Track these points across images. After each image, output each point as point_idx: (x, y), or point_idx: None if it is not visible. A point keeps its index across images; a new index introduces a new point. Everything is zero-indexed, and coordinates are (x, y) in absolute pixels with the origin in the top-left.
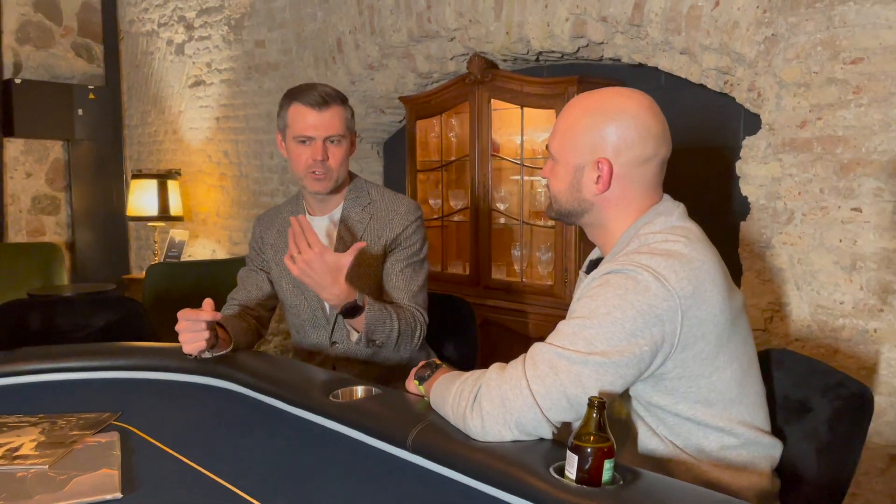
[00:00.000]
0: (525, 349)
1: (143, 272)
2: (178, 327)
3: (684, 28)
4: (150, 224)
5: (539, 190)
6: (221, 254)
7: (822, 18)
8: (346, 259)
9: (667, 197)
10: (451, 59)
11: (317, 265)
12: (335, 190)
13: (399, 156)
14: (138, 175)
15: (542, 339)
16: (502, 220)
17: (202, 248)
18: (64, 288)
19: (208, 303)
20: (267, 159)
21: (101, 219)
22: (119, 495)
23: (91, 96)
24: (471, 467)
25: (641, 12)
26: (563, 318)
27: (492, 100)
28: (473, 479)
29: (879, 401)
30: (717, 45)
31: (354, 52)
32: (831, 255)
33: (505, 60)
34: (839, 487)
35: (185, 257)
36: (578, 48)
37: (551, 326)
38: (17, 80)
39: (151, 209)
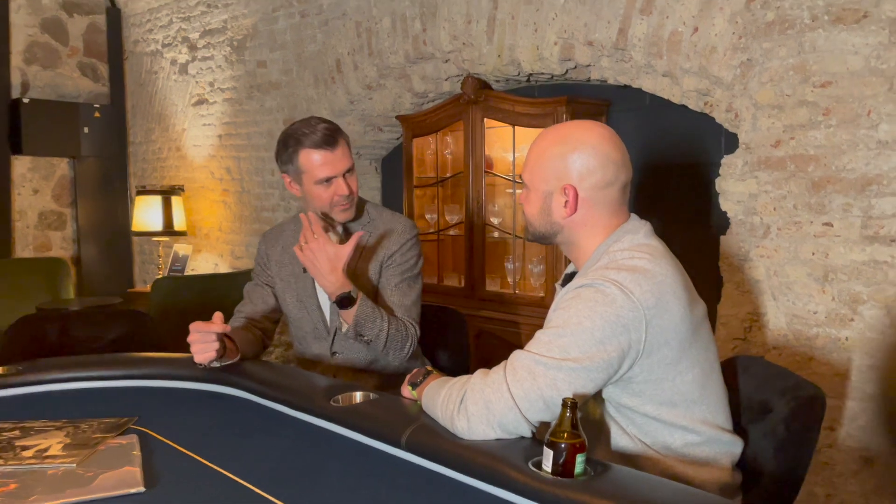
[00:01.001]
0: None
1: (148, 286)
2: (189, 339)
3: (666, 52)
4: (155, 239)
5: None
6: (224, 267)
7: (794, 44)
8: (345, 249)
9: (633, 216)
10: (446, 79)
11: (319, 253)
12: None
13: (396, 172)
14: (143, 191)
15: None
16: (496, 234)
17: (205, 262)
18: (72, 301)
19: (218, 316)
20: (268, 175)
21: (105, 234)
22: (142, 489)
23: (96, 115)
24: (458, 463)
25: (625, 37)
26: None
27: (485, 119)
28: (461, 473)
29: (852, 405)
30: (696, 69)
31: (353, 73)
32: (805, 267)
33: (497, 81)
34: (795, 480)
35: (188, 271)
36: (567, 70)
37: None
38: (25, 100)
39: (156, 224)
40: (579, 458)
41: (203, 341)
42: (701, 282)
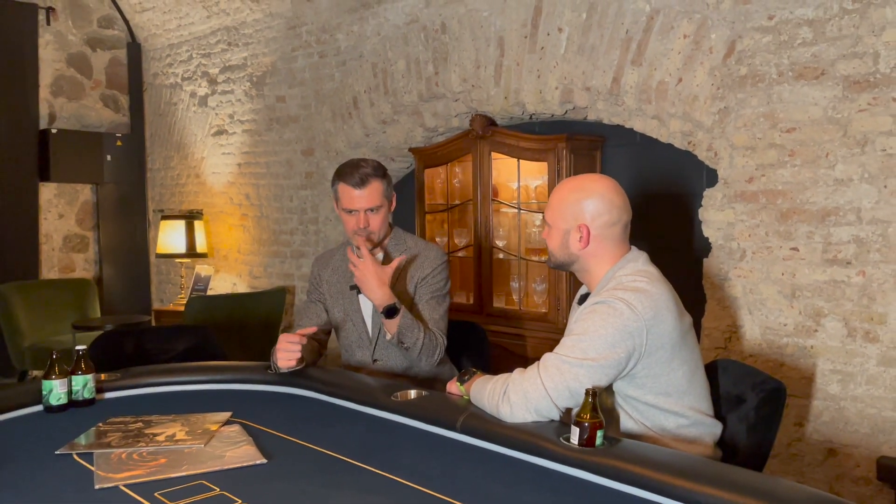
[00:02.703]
0: (524, 368)
1: (171, 304)
2: (278, 346)
3: (654, 98)
4: (178, 261)
5: (533, 230)
6: (242, 287)
7: (764, 96)
8: (390, 269)
9: (634, 248)
10: (455, 116)
11: (368, 272)
12: (378, 243)
13: (407, 198)
14: (167, 216)
15: (538, 359)
16: (501, 256)
17: (223, 282)
18: (103, 320)
19: (304, 331)
20: (287, 202)
21: (125, 255)
22: (265, 461)
23: (118, 143)
24: (504, 440)
25: (619, 85)
26: (557, 340)
27: (492, 153)
28: (506, 447)
29: (816, 404)
30: (680, 114)
31: (369, 109)
32: (776, 285)
33: (502, 118)
34: (763, 453)
35: (209, 291)
36: (566, 111)
37: (546, 348)
38: (54, 130)
39: (180, 247)
40: (599, 433)
41: (289, 350)
42: (686, 299)
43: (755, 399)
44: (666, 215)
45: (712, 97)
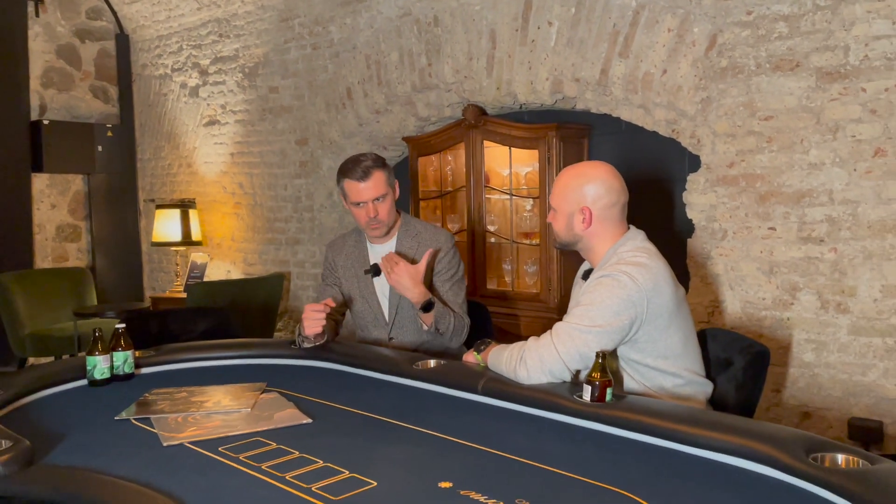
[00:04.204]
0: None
1: (167, 292)
2: (304, 316)
3: (640, 89)
4: (174, 249)
5: (524, 214)
6: (236, 273)
7: (743, 86)
8: (421, 266)
9: (632, 227)
10: (448, 106)
11: (403, 274)
12: (388, 230)
13: (401, 186)
14: (162, 205)
15: (532, 336)
16: (493, 240)
17: (217, 269)
18: (102, 307)
19: (329, 301)
20: (281, 190)
21: (117, 244)
22: (310, 420)
23: (109, 133)
24: (523, 399)
25: (607, 76)
26: (548, 318)
27: (484, 141)
28: (525, 406)
29: (793, 371)
30: (665, 103)
31: (363, 100)
32: (755, 263)
33: (493, 108)
34: (749, 411)
35: (205, 278)
36: (556, 101)
37: (538, 326)
38: (45, 121)
39: (175, 235)
40: (609, 390)
41: (315, 318)
42: None
43: (742, 361)
44: (651, 199)
45: (695, 87)
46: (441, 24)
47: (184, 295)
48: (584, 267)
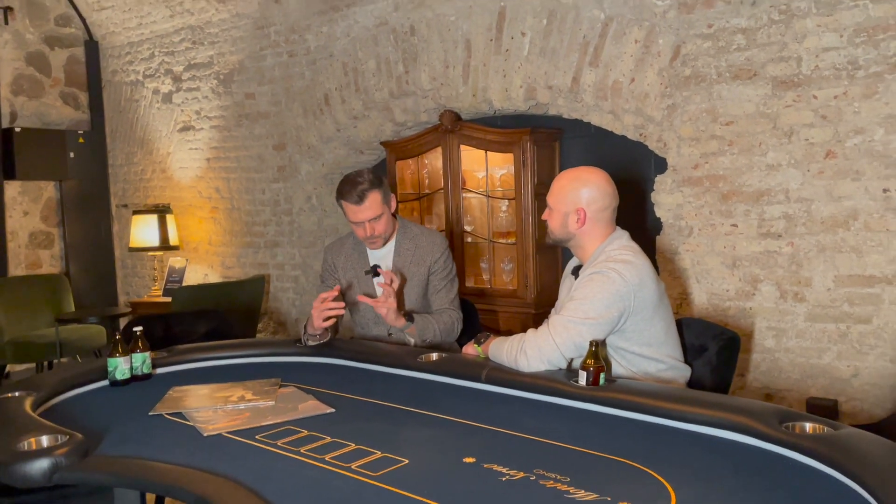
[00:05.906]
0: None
1: (144, 297)
2: (314, 309)
3: (610, 96)
4: (151, 253)
5: (500, 215)
6: (214, 277)
7: (706, 94)
8: (393, 302)
9: (619, 228)
10: (424, 111)
11: (388, 309)
12: (386, 241)
13: None
14: (139, 211)
15: (510, 332)
16: (470, 240)
17: (195, 273)
18: (83, 312)
19: (336, 290)
20: (259, 195)
21: (90, 251)
22: (332, 409)
23: (80, 140)
24: (523, 385)
25: (578, 84)
26: (525, 313)
27: (461, 145)
28: (526, 391)
29: (755, 356)
30: (633, 109)
31: (341, 106)
32: (719, 257)
33: (468, 114)
34: (724, 391)
35: (183, 282)
36: (529, 107)
37: (516, 321)
38: (17, 129)
39: (153, 240)
40: (602, 375)
41: (328, 306)
42: None
43: (715, 347)
44: (621, 198)
45: (661, 95)
46: (417, 33)
47: (163, 299)
48: (573, 263)
